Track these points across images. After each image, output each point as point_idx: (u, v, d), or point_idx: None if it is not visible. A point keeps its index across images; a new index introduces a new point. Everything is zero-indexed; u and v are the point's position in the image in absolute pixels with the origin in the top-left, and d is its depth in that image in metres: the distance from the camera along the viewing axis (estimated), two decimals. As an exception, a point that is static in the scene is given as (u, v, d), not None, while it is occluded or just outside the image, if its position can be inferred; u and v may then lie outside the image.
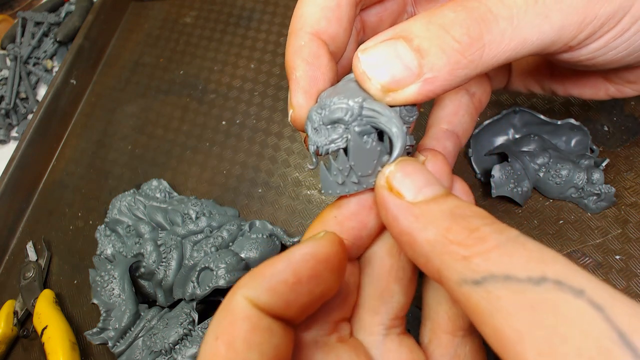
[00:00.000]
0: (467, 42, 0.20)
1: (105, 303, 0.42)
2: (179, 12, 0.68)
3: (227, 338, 0.16)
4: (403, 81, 0.20)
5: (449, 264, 0.16)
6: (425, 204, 0.18)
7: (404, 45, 0.20)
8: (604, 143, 0.41)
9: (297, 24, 0.24)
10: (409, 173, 0.20)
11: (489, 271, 0.15)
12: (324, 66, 0.23)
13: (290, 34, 0.24)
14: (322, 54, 0.23)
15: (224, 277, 0.39)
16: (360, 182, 0.21)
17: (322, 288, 0.19)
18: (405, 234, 0.18)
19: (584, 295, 0.14)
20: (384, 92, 0.21)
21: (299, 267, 0.18)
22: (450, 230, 0.17)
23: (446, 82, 0.20)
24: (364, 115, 0.21)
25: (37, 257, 0.52)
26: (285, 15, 0.62)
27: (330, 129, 0.21)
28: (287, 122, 0.53)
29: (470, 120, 0.29)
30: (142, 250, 0.44)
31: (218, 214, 0.46)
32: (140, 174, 0.55)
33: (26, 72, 0.69)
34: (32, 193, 0.58)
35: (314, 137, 0.22)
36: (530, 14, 0.20)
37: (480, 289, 0.15)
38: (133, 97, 0.62)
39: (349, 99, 0.21)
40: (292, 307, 0.18)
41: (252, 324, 0.17)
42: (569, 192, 0.39)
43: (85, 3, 0.71)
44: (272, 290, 0.17)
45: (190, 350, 0.37)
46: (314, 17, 0.24)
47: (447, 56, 0.20)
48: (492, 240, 0.16)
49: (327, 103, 0.21)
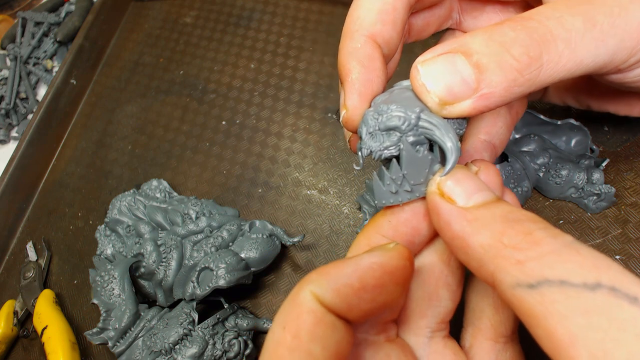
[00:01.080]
0: (526, 61, 0.20)
1: (105, 303, 0.42)
2: (179, 12, 0.68)
3: (294, 328, 0.17)
4: (460, 95, 0.21)
5: (504, 268, 0.17)
6: (477, 208, 0.19)
7: (463, 60, 0.21)
8: (604, 143, 0.41)
9: (353, 25, 0.24)
10: (459, 179, 0.20)
11: (544, 276, 0.15)
12: (378, 69, 0.24)
13: (345, 36, 0.24)
14: (377, 57, 0.24)
15: (224, 277, 0.39)
16: (413, 190, 0.22)
17: (385, 298, 0.19)
18: (458, 238, 0.19)
19: (638, 302, 0.14)
20: (441, 105, 0.21)
21: (366, 274, 0.18)
22: (505, 234, 0.17)
23: (501, 98, 0.21)
24: (420, 126, 0.21)
25: (37, 257, 0.52)
26: (285, 15, 0.62)
27: (385, 135, 0.22)
28: (287, 122, 0.53)
29: (507, 131, 0.30)
30: (142, 250, 0.44)
31: (218, 214, 0.46)
32: (140, 174, 0.55)
33: (26, 72, 0.69)
34: (32, 193, 0.58)
35: (368, 141, 0.22)
36: (588, 38, 0.21)
37: (535, 293, 0.15)
38: (133, 97, 0.62)
39: (407, 108, 0.21)
40: (354, 310, 0.18)
41: (317, 318, 0.17)
42: (569, 192, 0.39)
43: (85, 3, 0.71)
44: (337, 292, 0.18)
45: (190, 350, 0.37)
46: (370, 20, 0.24)
47: (505, 73, 0.20)
48: (546, 245, 0.16)
49: (385, 109, 0.22)
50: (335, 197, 0.47)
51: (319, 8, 0.61)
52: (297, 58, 0.58)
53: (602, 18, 0.21)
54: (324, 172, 0.49)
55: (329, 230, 0.46)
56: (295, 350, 0.17)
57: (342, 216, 0.46)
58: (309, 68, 0.57)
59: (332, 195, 0.48)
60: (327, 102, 0.54)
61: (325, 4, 0.61)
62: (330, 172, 0.49)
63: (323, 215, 0.47)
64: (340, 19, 0.59)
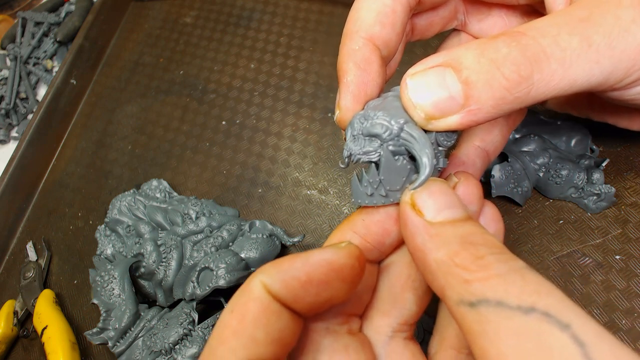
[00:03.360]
0: (516, 80, 0.20)
1: (105, 303, 0.42)
2: (179, 12, 0.68)
3: (240, 313, 0.18)
4: (447, 110, 0.21)
5: (451, 284, 0.18)
6: (442, 225, 0.19)
7: (452, 75, 0.21)
8: (604, 143, 0.41)
9: (352, 27, 0.25)
10: (433, 193, 0.20)
11: (484, 295, 0.16)
12: (374, 72, 0.24)
13: (345, 37, 0.25)
14: (374, 59, 0.24)
15: (224, 277, 0.39)
16: (388, 195, 0.23)
17: (331, 294, 0.20)
18: (418, 250, 0.19)
19: (569, 330, 0.14)
20: (426, 120, 0.21)
21: (313, 269, 0.19)
22: (458, 254, 0.18)
23: (489, 115, 0.21)
24: (402, 137, 0.22)
25: (37, 257, 0.52)
26: (285, 15, 0.62)
27: (367, 140, 0.22)
28: (287, 122, 0.54)
29: (502, 139, 0.30)
30: (142, 250, 0.44)
31: (218, 214, 0.46)
32: (140, 174, 0.55)
33: (26, 72, 0.69)
34: (32, 193, 0.58)
35: (350, 144, 0.23)
36: (583, 59, 0.21)
37: (474, 311, 0.16)
38: (133, 97, 0.62)
39: (392, 118, 0.22)
40: (299, 302, 0.19)
41: (263, 306, 0.18)
42: (569, 192, 0.39)
43: (85, 3, 0.71)
44: (284, 282, 0.19)
45: (190, 350, 0.37)
46: (369, 22, 0.24)
47: (494, 91, 0.20)
48: (494, 269, 0.17)
49: (371, 115, 0.22)
50: (335, 197, 0.47)
51: (319, 8, 0.61)
52: (297, 58, 0.58)
53: (600, 39, 0.21)
54: (324, 172, 0.49)
55: (329, 230, 0.46)
56: (239, 334, 0.18)
57: (342, 216, 0.46)
58: (309, 68, 0.57)
59: (332, 195, 0.48)
60: (327, 102, 0.54)
61: (325, 4, 0.61)
62: (330, 172, 0.49)
63: (323, 215, 0.47)
64: (340, 19, 0.60)
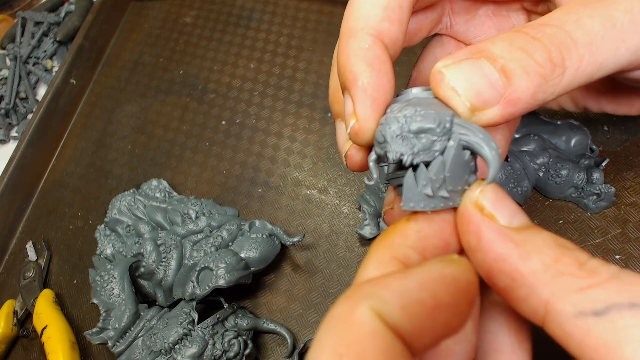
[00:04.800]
0: (550, 67, 0.19)
1: (105, 303, 0.42)
2: (179, 12, 0.68)
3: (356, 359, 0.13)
4: (489, 101, 0.20)
5: (562, 296, 0.15)
6: (525, 230, 0.17)
7: (489, 65, 0.19)
8: (604, 143, 0.41)
9: (357, 24, 0.22)
10: (502, 197, 0.18)
11: (612, 301, 0.14)
12: (389, 74, 0.22)
13: (347, 35, 0.22)
14: (387, 59, 0.22)
15: (224, 277, 0.39)
16: (450, 197, 0.19)
17: (458, 321, 0.16)
18: (502, 260, 0.17)
19: None
20: (471, 112, 0.20)
21: (439, 289, 0.15)
22: (560, 262, 0.16)
23: (527, 105, 0.20)
24: (454, 131, 0.19)
25: (37, 257, 0.52)
26: (285, 15, 0.62)
27: (415, 138, 0.19)
28: (287, 122, 0.53)
29: (506, 143, 0.29)
30: (142, 250, 0.44)
31: (218, 214, 0.46)
32: (140, 174, 0.55)
33: (26, 72, 0.69)
34: (32, 193, 0.58)
35: (395, 146, 0.20)
36: (608, 39, 0.20)
37: (604, 320, 0.14)
38: (133, 97, 0.62)
39: (437, 111, 0.19)
40: (425, 336, 0.15)
41: (385, 346, 0.13)
42: (569, 192, 0.39)
43: (85, 3, 0.71)
44: (405, 310, 0.14)
45: (190, 350, 0.37)
46: (377, 18, 0.22)
47: (531, 79, 0.19)
48: (604, 273, 0.15)
49: (412, 112, 0.19)
50: (335, 197, 0.47)
51: (319, 8, 0.61)
52: (297, 58, 0.58)
53: (622, 16, 0.20)
54: (324, 172, 0.49)
55: (329, 230, 0.46)
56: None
57: (342, 216, 0.46)
58: (309, 68, 0.57)
59: (332, 195, 0.48)
60: (327, 102, 0.54)
61: (325, 4, 0.61)
62: (330, 172, 0.49)
63: (323, 215, 0.47)
64: (340, 19, 0.59)
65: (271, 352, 0.41)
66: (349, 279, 0.43)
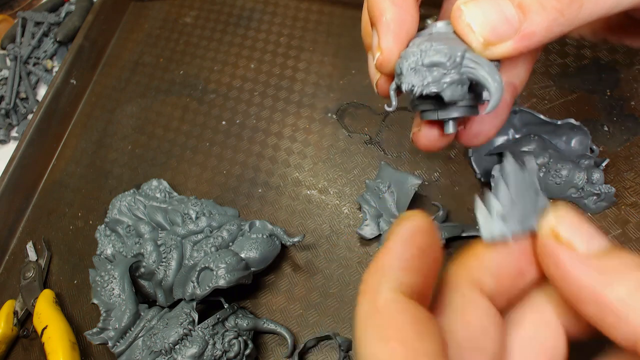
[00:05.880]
0: (567, 1, 0.20)
1: (105, 303, 0.42)
2: (179, 12, 0.68)
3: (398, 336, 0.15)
4: (504, 36, 0.21)
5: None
6: (605, 256, 0.17)
7: (506, 1, 0.20)
8: (604, 143, 0.41)
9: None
10: (575, 222, 0.18)
11: None
12: (412, 8, 0.23)
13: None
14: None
15: (224, 277, 0.39)
16: (524, 223, 0.19)
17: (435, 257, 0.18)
18: (586, 289, 0.16)
19: None
20: (485, 46, 0.21)
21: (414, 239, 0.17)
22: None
23: (542, 38, 0.21)
24: (465, 65, 0.21)
25: (37, 257, 0.52)
26: (285, 15, 0.62)
27: (428, 71, 0.21)
28: (287, 122, 0.53)
29: (526, 72, 0.29)
30: (142, 250, 0.44)
31: (218, 214, 0.46)
32: (140, 174, 0.55)
33: (26, 72, 0.69)
34: (32, 193, 0.58)
35: (409, 77, 0.22)
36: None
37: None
38: (133, 97, 0.62)
39: (450, 46, 0.21)
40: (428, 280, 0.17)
41: (412, 314, 0.16)
42: (569, 192, 0.39)
43: (85, 3, 0.71)
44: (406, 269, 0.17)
45: (190, 350, 0.37)
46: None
47: (547, 13, 0.20)
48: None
49: (428, 47, 0.21)
50: (335, 197, 0.47)
51: (319, 8, 0.61)
52: (297, 58, 0.58)
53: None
54: (324, 172, 0.49)
55: (329, 230, 0.46)
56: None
57: (342, 216, 0.46)
58: (309, 68, 0.57)
59: (332, 195, 0.48)
60: (327, 102, 0.54)
61: (325, 4, 0.61)
62: (330, 172, 0.49)
63: (323, 215, 0.47)
64: (340, 19, 0.60)
65: (271, 352, 0.41)
66: (349, 279, 0.43)
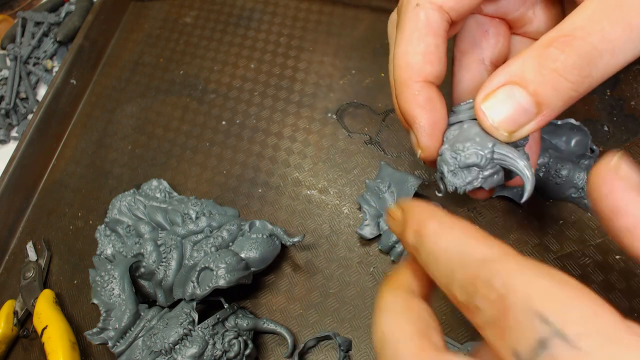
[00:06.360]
0: (579, 81, 0.22)
1: (105, 303, 0.42)
2: (179, 12, 0.68)
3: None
4: (523, 122, 0.23)
5: None
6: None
7: (520, 91, 0.23)
8: (604, 143, 0.41)
9: (404, 73, 0.27)
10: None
11: None
12: (439, 107, 0.27)
13: (400, 84, 0.27)
14: (435, 96, 0.26)
15: (224, 277, 0.39)
16: None
17: None
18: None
19: None
20: (510, 136, 0.24)
21: None
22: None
23: (560, 111, 0.23)
24: (495, 159, 0.24)
25: (37, 257, 0.52)
26: (285, 15, 0.62)
27: (466, 171, 0.25)
28: (287, 122, 0.54)
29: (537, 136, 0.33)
30: (142, 250, 0.44)
31: (218, 214, 0.46)
32: (140, 174, 0.55)
33: (26, 72, 0.69)
34: (32, 193, 0.58)
35: (452, 179, 0.26)
36: (629, 43, 0.22)
37: None
38: (133, 97, 0.62)
39: (481, 145, 0.24)
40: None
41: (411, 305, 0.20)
42: (569, 192, 0.39)
43: (85, 3, 0.71)
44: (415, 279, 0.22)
45: (190, 350, 0.37)
46: (419, 65, 0.26)
47: (562, 94, 0.23)
48: None
49: (461, 149, 0.25)
50: (335, 197, 0.47)
51: (319, 8, 0.61)
52: (297, 58, 0.58)
53: (636, 19, 0.22)
54: (324, 172, 0.49)
55: (329, 230, 0.46)
56: None
57: (342, 216, 0.46)
58: (309, 68, 0.57)
59: (332, 195, 0.48)
60: (327, 102, 0.54)
61: (325, 4, 0.61)
62: (330, 172, 0.49)
63: (323, 215, 0.47)
64: (340, 19, 0.60)
65: (271, 352, 0.41)
66: (349, 279, 0.43)
